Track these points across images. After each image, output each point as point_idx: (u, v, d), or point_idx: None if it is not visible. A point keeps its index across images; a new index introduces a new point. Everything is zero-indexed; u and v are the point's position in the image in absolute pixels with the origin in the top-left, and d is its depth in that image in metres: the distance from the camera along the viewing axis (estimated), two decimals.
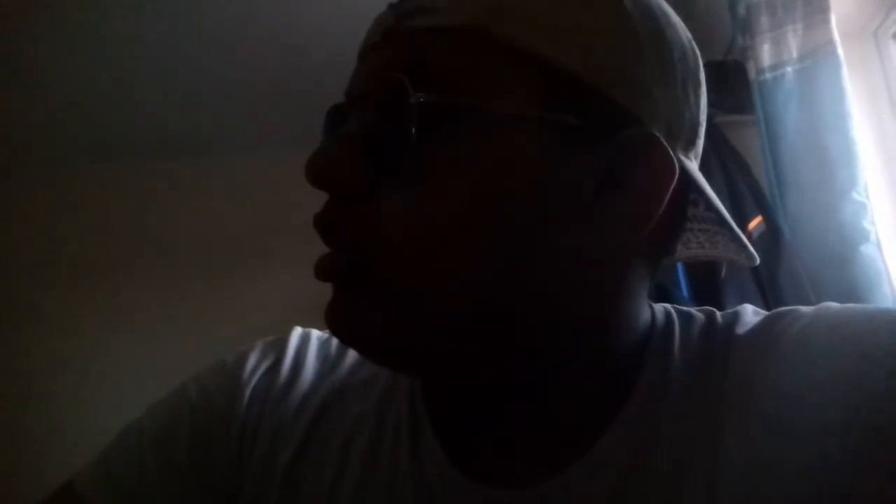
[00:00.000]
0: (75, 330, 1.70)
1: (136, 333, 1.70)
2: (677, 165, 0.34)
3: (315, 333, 0.47)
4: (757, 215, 1.15)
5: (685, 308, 0.41)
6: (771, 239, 1.13)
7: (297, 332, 0.47)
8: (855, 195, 1.03)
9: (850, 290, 1.01)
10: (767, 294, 1.10)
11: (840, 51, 1.06)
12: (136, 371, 1.57)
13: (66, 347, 1.68)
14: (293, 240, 1.76)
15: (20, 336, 1.68)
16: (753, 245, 1.35)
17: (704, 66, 0.41)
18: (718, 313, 0.40)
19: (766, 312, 0.39)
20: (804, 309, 0.37)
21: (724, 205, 1.16)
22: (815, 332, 0.34)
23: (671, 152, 0.34)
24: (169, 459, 0.40)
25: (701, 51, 0.40)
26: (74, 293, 1.72)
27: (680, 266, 1.24)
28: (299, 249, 1.74)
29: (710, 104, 1.37)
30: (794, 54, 1.10)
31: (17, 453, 1.54)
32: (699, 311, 0.41)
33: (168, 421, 0.42)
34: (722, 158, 1.22)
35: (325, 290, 0.35)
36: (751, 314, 0.39)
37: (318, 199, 0.35)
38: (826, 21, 1.08)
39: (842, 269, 1.03)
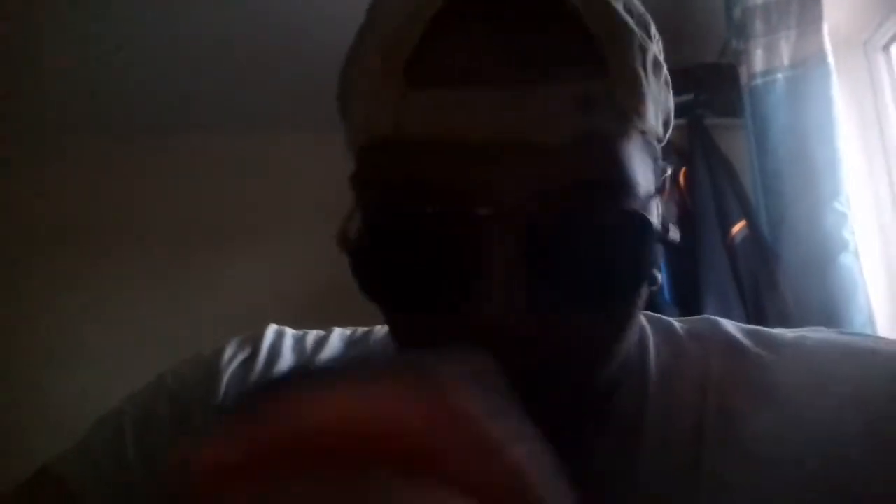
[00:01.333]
0: (61, 307, 1.67)
1: (125, 313, 1.68)
2: (681, 181, 0.36)
3: (290, 331, 0.47)
4: (741, 219, 1.17)
5: (655, 315, 0.41)
6: (753, 244, 1.14)
7: (272, 328, 0.46)
8: (837, 205, 1.05)
9: (828, 298, 1.03)
10: (747, 298, 1.12)
11: (830, 60, 1.07)
12: (125, 350, 1.55)
13: (52, 326, 1.65)
14: (287, 220, 1.75)
15: (6, 315, 1.65)
16: (736, 249, 1.35)
17: (698, 67, 0.41)
18: (689, 320, 0.40)
19: (748, 326, 0.39)
20: (783, 336, 0.37)
21: (708, 207, 1.16)
22: (794, 368, 0.34)
23: (668, 178, 0.36)
24: (149, 444, 0.40)
25: (695, 51, 0.40)
26: (59, 272, 1.69)
27: (662, 267, 1.25)
28: (294, 229, 1.73)
29: (700, 106, 1.37)
30: (786, 61, 1.11)
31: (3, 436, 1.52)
32: (676, 320, 0.41)
33: (147, 408, 0.42)
34: (709, 160, 1.22)
35: (312, 274, 0.34)
36: (730, 322, 0.39)
37: (312, 179, 0.33)
38: (818, 30, 1.09)
39: (821, 276, 1.04)
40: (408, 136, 0.28)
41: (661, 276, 0.36)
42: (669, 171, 0.36)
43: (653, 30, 0.33)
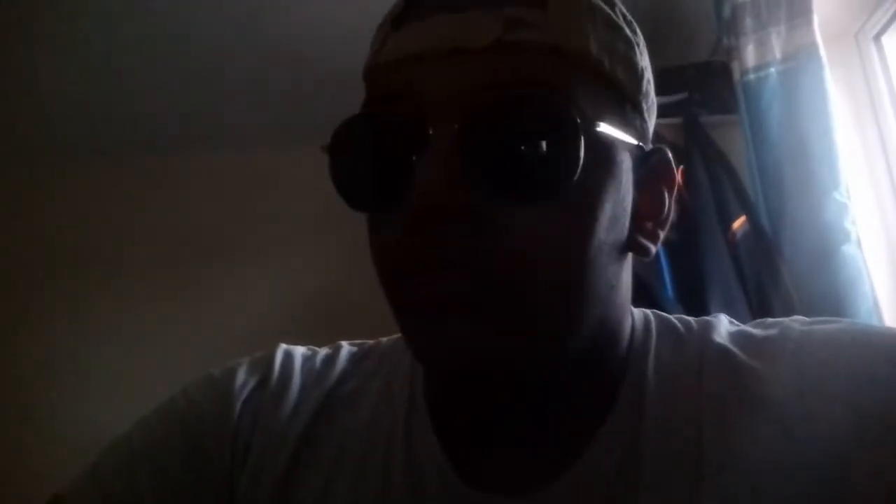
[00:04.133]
0: (68, 327, 1.67)
1: (130, 332, 1.68)
2: (677, 172, 0.38)
3: (299, 350, 0.47)
4: (741, 215, 1.16)
5: (662, 314, 0.42)
6: (754, 239, 1.14)
7: (282, 348, 0.46)
8: (837, 196, 1.05)
9: (832, 289, 1.02)
10: (750, 293, 1.11)
11: (822, 52, 1.07)
12: (133, 370, 1.55)
13: (57, 345, 1.65)
14: (290, 236, 1.76)
15: (7, 336, 1.64)
16: (737, 244, 1.36)
17: (690, 66, 0.44)
18: (694, 322, 0.41)
19: (739, 327, 0.40)
20: (769, 331, 0.39)
21: (707, 204, 1.18)
22: (783, 376, 0.35)
23: (671, 160, 0.38)
24: (161, 471, 0.39)
25: (686, 51, 0.42)
26: (66, 291, 1.69)
27: (664, 264, 1.25)
28: (296, 245, 1.74)
29: (695, 104, 1.38)
30: (778, 55, 1.11)
31: (5, 457, 1.51)
32: (676, 318, 0.42)
33: (158, 434, 0.41)
34: (706, 158, 1.22)
35: (321, 286, 0.34)
36: (726, 325, 0.40)
37: (313, 197, 0.34)
38: (809, 23, 1.09)
39: (824, 268, 1.04)
40: (381, 62, 0.35)
41: (653, 249, 0.38)
42: (669, 154, 0.38)
43: (618, 8, 0.37)
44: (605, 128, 0.33)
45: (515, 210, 0.31)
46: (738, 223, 1.16)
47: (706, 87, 1.26)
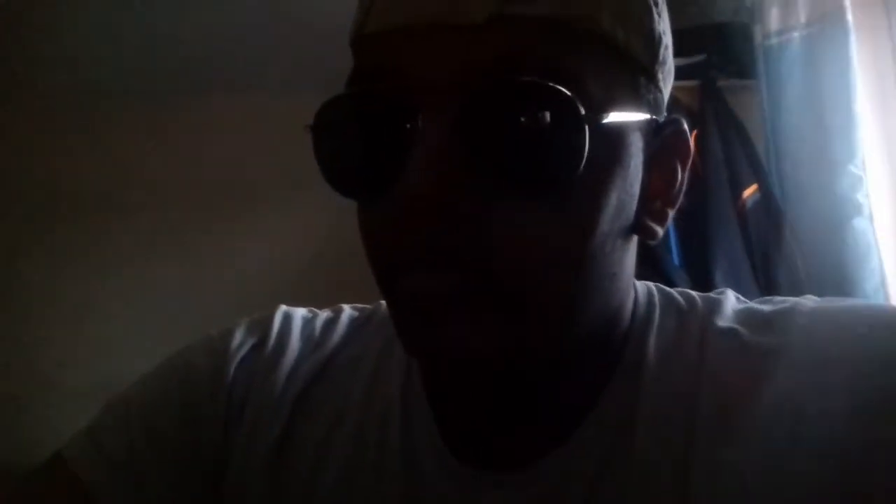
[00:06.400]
0: (79, 270, 1.68)
1: (141, 277, 1.69)
2: (692, 145, 0.36)
3: (299, 312, 0.46)
4: (752, 183, 1.15)
5: (665, 289, 0.41)
6: (765, 208, 1.13)
7: (281, 310, 0.46)
8: (852, 168, 1.03)
9: (841, 261, 1.02)
10: (757, 262, 1.11)
11: (849, 17, 1.04)
12: (143, 313, 1.57)
13: (66, 288, 1.66)
14: (297, 185, 1.73)
15: (15, 275, 1.66)
16: (747, 213, 1.34)
17: (711, 26, 0.41)
18: (699, 300, 0.40)
19: (746, 304, 0.39)
20: (779, 306, 0.37)
21: (719, 170, 1.15)
22: (788, 354, 0.34)
23: (687, 131, 0.36)
24: (157, 432, 0.40)
25: (707, 10, 0.39)
26: (79, 231, 1.70)
27: (671, 230, 1.25)
28: (304, 194, 1.72)
29: (713, 67, 1.34)
30: (802, 19, 1.08)
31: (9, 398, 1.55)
32: (680, 293, 0.40)
33: (155, 394, 0.41)
34: (721, 123, 1.20)
35: (328, 233, 0.33)
36: (732, 303, 0.39)
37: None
38: None
39: (833, 240, 1.03)
40: (367, 33, 0.32)
41: (660, 231, 0.36)
42: (685, 126, 0.36)
43: None
44: (615, 115, 0.31)
45: (513, 206, 0.30)
46: (749, 191, 1.15)
47: (726, 50, 1.22)
